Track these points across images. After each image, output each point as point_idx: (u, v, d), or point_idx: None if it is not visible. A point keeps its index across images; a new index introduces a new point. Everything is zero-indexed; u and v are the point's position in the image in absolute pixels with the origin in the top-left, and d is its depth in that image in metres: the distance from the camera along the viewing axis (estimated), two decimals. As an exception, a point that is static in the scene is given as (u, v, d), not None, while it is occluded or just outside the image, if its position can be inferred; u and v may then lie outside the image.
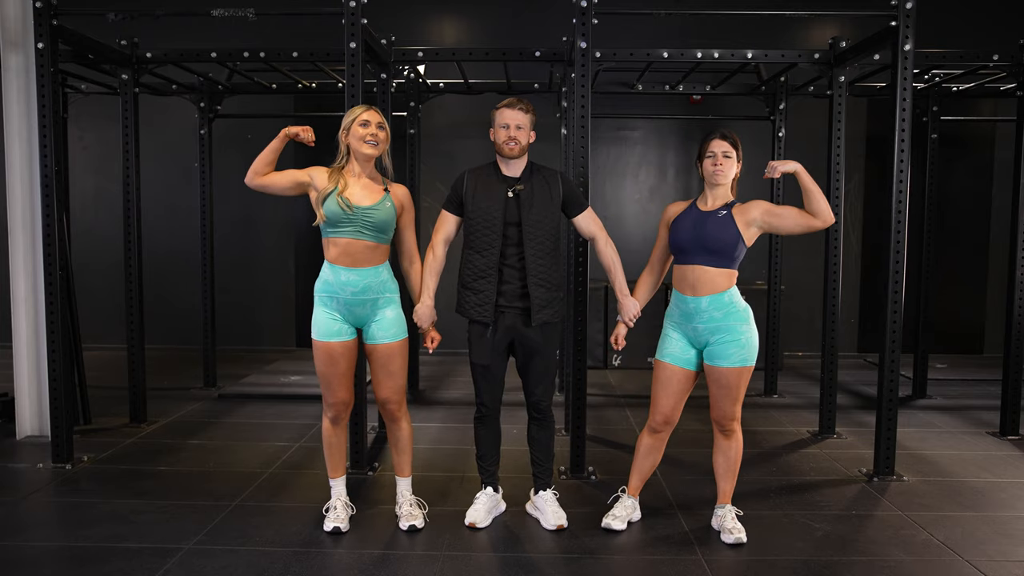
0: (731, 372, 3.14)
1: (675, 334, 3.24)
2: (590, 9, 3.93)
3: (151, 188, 7.13)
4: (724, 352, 3.14)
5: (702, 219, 3.16)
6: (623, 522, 3.35)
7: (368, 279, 3.18)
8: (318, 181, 3.18)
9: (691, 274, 3.14)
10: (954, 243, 7.77)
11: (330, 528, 3.28)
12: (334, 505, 3.35)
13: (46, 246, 4.13)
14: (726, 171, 3.16)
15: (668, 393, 3.24)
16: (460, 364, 6.83)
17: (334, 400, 3.25)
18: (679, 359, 3.22)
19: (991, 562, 3.07)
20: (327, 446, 3.34)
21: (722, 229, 3.12)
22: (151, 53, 4.96)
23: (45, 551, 3.12)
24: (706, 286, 3.13)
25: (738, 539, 3.20)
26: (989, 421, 5.19)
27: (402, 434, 3.40)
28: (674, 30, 7.64)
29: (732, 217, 3.15)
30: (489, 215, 3.21)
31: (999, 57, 4.83)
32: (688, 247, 3.15)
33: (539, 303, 3.23)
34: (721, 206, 3.18)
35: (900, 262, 3.95)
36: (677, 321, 3.23)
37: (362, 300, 3.18)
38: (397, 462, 3.44)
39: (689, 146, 7.86)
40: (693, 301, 3.14)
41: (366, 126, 3.16)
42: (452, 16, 7.92)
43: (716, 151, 3.15)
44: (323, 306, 3.21)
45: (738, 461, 3.30)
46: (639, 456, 3.39)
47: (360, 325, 3.25)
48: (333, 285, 3.17)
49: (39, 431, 4.63)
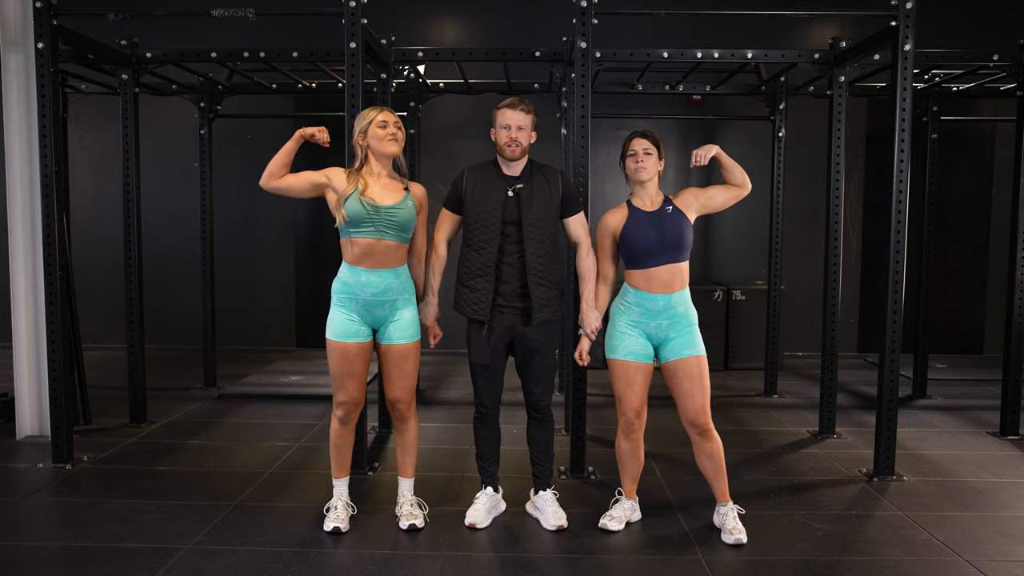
0: (697, 361, 3.21)
1: (633, 331, 3.26)
2: (590, 9, 3.93)
3: (151, 188, 7.13)
4: (688, 343, 3.22)
5: (657, 220, 3.23)
6: (620, 523, 3.35)
7: (389, 280, 3.18)
8: (337, 182, 3.17)
9: (664, 274, 3.20)
10: (954, 243, 7.77)
11: (330, 528, 3.27)
12: (335, 505, 3.35)
13: (46, 246, 4.13)
14: (648, 168, 3.22)
15: (635, 390, 3.28)
16: (460, 364, 6.83)
17: (346, 399, 3.25)
18: (640, 355, 3.26)
19: (991, 562, 3.07)
20: (335, 446, 3.34)
21: (678, 225, 3.22)
22: (151, 53, 4.96)
23: (45, 551, 3.12)
24: (677, 282, 3.22)
25: (738, 540, 3.20)
26: (989, 421, 5.19)
27: (410, 434, 3.40)
28: (674, 30, 7.64)
29: (678, 209, 3.26)
30: (488, 213, 3.21)
31: (999, 57, 4.83)
32: (653, 250, 3.20)
33: (540, 302, 3.23)
34: (663, 203, 3.27)
35: (900, 262, 3.95)
36: (636, 319, 3.25)
37: (382, 301, 3.18)
38: (402, 462, 3.44)
39: (689, 146, 7.85)
40: (663, 299, 3.20)
41: (385, 127, 3.18)
42: (452, 16, 7.92)
43: (637, 149, 3.23)
44: (341, 307, 3.20)
45: (722, 457, 3.30)
46: (622, 462, 3.42)
47: (377, 326, 3.25)
48: (352, 286, 3.16)
49: (39, 431, 4.63)
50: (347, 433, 3.34)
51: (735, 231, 7.92)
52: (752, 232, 7.69)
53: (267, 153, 3.31)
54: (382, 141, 3.18)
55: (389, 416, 4.88)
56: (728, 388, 6.33)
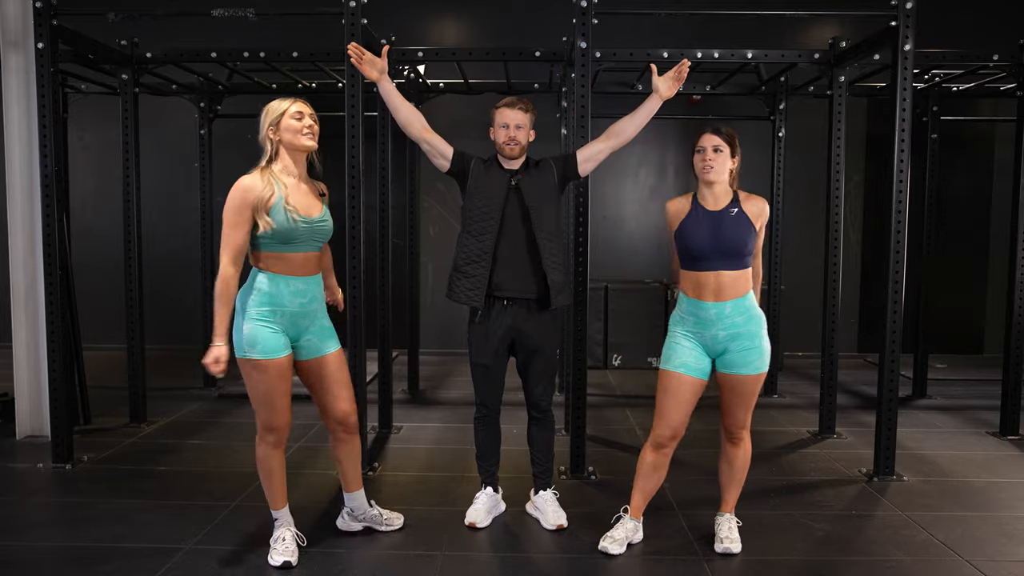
0: (750, 380, 3.00)
1: (688, 343, 3.02)
2: (590, 9, 3.93)
3: (151, 188, 7.12)
4: (745, 360, 2.97)
5: (716, 221, 2.96)
6: (621, 546, 3.12)
7: (315, 287, 2.96)
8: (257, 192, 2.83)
9: (713, 280, 2.94)
10: (954, 243, 7.76)
11: (279, 562, 2.94)
12: (282, 536, 3.02)
13: (46, 246, 4.12)
14: (717, 167, 2.96)
15: (679, 404, 3.00)
16: (460, 364, 6.82)
17: (280, 423, 2.94)
18: (693, 369, 3.00)
19: (991, 562, 3.07)
20: (269, 474, 2.99)
21: (739, 229, 2.94)
22: (151, 53, 4.96)
23: (45, 551, 3.12)
24: (729, 291, 2.94)
25: (727, 549, 3.11)
26: (989, 421, 5.19)
27: (358, 445, 3.21)
28: (674, 30, 7.64)
29: (745, 213, 2.97)
30: (490, 199, 3.22)
31: (999, 57, 4.83)
32: (705, 254, 2.95)
33: (556, 287, 3.25)
34: (730, 203, 3.00)
35: (900, 262, 3.95)
36: (691, 329, 3.02)
37: (308, 311, 2.94)
38: (355, 475, 3.22)
39: (689, 146, 7.84)
40: (715, 307, 2.95)
41: (300, 118, 2.90)
42: (452, 16, 7.92)
43: (706, 145, 2.99)
44: (262, 321, 2.85)
45: (744, 470, 3.18)
46: (642, 475, 3.14)
47: (295, 339, 2.96)
48: (277, 297, 2.86)
49: (39, 431, 4.62)
50: (280, 457, 3.01)
51: (735, 231, 7.90)
52: (752, 232, 7.67)
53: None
54: (297, 135, 2.88)
55: (389, 416, 4.92)
56: (728, 388, 6.33)
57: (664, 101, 3.33)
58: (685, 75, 3.29)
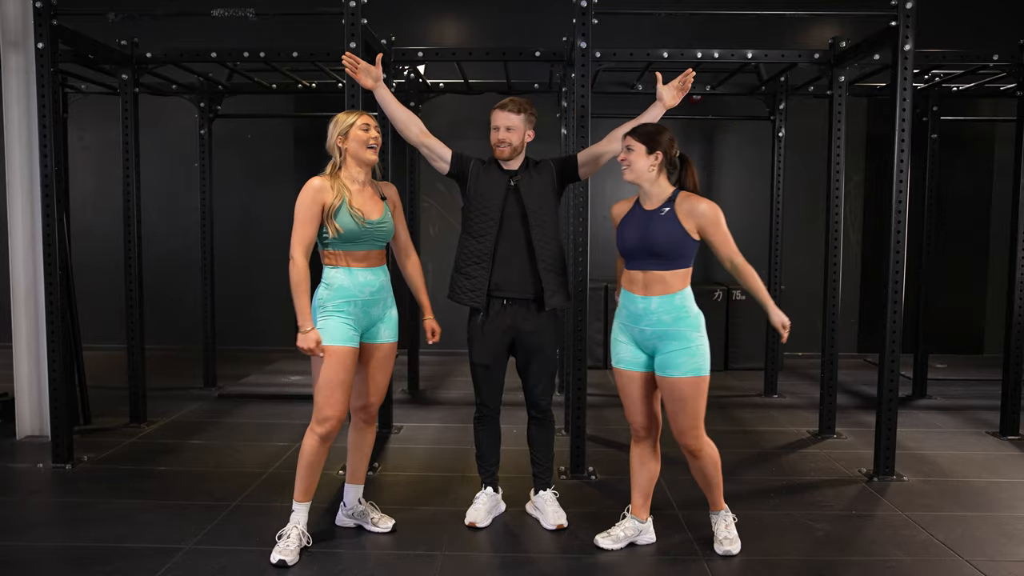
0: (683, 383, 2.94)
1: (623, 337, 3.09)
2: (590, 9, 3.93)
3: (151, 188, 7.11)
4: (673, 361, 2.94)
5: (646, 221, 2.99)
6: (615, 542, 3.16)
7: (383, 278, 3.15)
8: (325, 195, 3.01)
9: (642, 277, 2.99)
10: (954, 243, 7.76)
11: (275, 560, 2.96)
12: (288, 533, 3.05)
13: (46, 246, 4.12)
14: (631, 165, 2.98)
15: (631, 399, 3.09)
16: (460, 364, 6.83)
17: (334, 413, 3.00)
18: (630, 363, 3.06)
19: (991, 562, 3.07)
20: (308, 465, 3.04)
21: (665, 229, 2.94)
22: (151, 53, 4.96)
23: (45, 551, 3.12)
24: (658, 287, 2.96)
25: (727, 551, 3.10)
26: (989, 421, 5.19)
27: (371, 438, 3.33)
28: (674, 30, 7.64)
29: (675, 214, 2.96)
30: (489, 200, 3.23)
31: (999, 57, 4.83)
32: (633, 252, 3.00)
33: (551, 288, 3.25)
34: (664, 203, 3.00)
35: (900, 262, 3.95)
36: (624, 323, 3.07)
37: (377, 300, 3.12)
38: (360, 468, 3.31)
39: (689, 146, 7.85)
40: (643, 301, 2.97)
41: (368, 129, 3.06)
42: (452, 16, 7.92)
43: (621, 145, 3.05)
44: (337, 313, 3.03)
45: (716, 472, 3.11)
46: (633, 470, 3.21)
47: (367, 329, 3.13)
48: (351, 288, 3.05)
49: (39, 431, 4.62)
50: (324, 452, 3.06)
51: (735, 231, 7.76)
52: (752, 232, 7.67)
53: (267, 153, 3.30)
54: (363, 146, 3.05)
55: (390, 416, 4.92)
56: (728, 388, 6.33)
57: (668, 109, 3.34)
58: (690, 84, 3.35)
